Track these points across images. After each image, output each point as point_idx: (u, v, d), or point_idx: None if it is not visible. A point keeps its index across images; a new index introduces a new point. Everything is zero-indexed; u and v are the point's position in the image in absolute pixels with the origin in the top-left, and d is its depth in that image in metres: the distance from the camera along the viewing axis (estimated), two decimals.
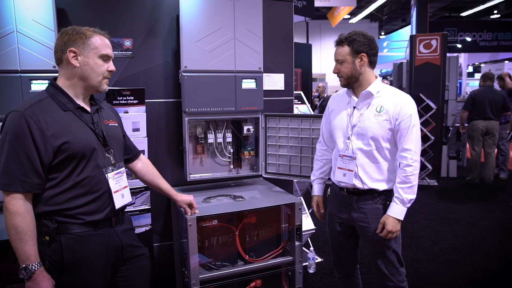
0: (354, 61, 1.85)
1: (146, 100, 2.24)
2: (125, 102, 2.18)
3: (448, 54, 5.98)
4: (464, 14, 14.62)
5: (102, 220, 1.49)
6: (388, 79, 12.84)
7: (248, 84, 2.34)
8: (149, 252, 1.91)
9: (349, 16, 15.64)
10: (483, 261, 3.28)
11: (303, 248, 2.61)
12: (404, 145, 1.81)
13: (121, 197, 1.56)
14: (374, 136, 1.84)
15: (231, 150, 2.47)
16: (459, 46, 11.30)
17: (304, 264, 2.78)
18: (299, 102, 3.54)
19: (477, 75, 17.53)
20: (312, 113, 3.85)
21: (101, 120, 1.56)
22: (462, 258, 3.35)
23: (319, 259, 3.24)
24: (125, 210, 1.68)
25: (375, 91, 1.88)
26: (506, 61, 14.96)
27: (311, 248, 3.09)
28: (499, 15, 14.48)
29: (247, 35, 2.29)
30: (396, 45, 12.33)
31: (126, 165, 1.80)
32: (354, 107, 1.91)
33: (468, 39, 11.55)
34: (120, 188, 1.56)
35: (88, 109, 1.53)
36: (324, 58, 17.28)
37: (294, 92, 2.76)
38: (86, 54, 1.46)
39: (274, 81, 2.63)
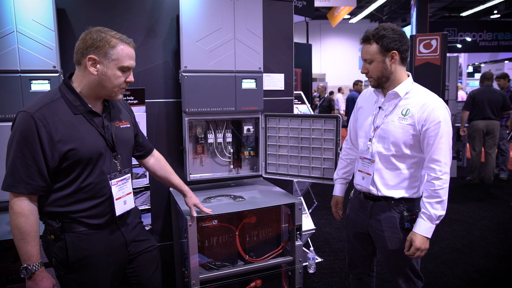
0: (384, 60, 1.69)
1: (146, 100, 2.24)
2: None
3: (448, 54, 5.98)
4: (464, 14, 14.62)
5: (104, 223, 1.50)
6: None
7: (248, 84, 2.34)
8: None
9: (349, 16, 15.66)
10: (483, 261, 3.28)
11: (303, 248, 2.61)
12: (433, 155, 1.65)
13: (123, 204, 1.55)
14: (395, 140, 1.71)
15: (231, 150, 2.47)
16: (459, 46, 11.30)
17: (304, 264, 2.78)
18: (299, 102, 3.54)
19: (477, 75, 17.53)
20: (312, 113, 3.85)
21: (112, 123, 1.54)
22: (462, 258, 3.35)
23: (319, 259, 3.25)
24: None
25: (403, 92, 1.72)
26: (506, 61, 14.95)
27: (311, 248, 3.09)
28: (499, 15, 14.48)
29: (247, 35, 2.29)
30: None
31: (139, 161, 1.81)
32: (380, 107, 1.79)
33: (468, 39, 11.55)
34: (123, 195, 1.55)
35: (100, 112, 1.51)
36: (324, 58, 17.32)
37: (294, 92, 2.76)
38: (106, 64, 1.40)
39: (274, 81, 2.63)
